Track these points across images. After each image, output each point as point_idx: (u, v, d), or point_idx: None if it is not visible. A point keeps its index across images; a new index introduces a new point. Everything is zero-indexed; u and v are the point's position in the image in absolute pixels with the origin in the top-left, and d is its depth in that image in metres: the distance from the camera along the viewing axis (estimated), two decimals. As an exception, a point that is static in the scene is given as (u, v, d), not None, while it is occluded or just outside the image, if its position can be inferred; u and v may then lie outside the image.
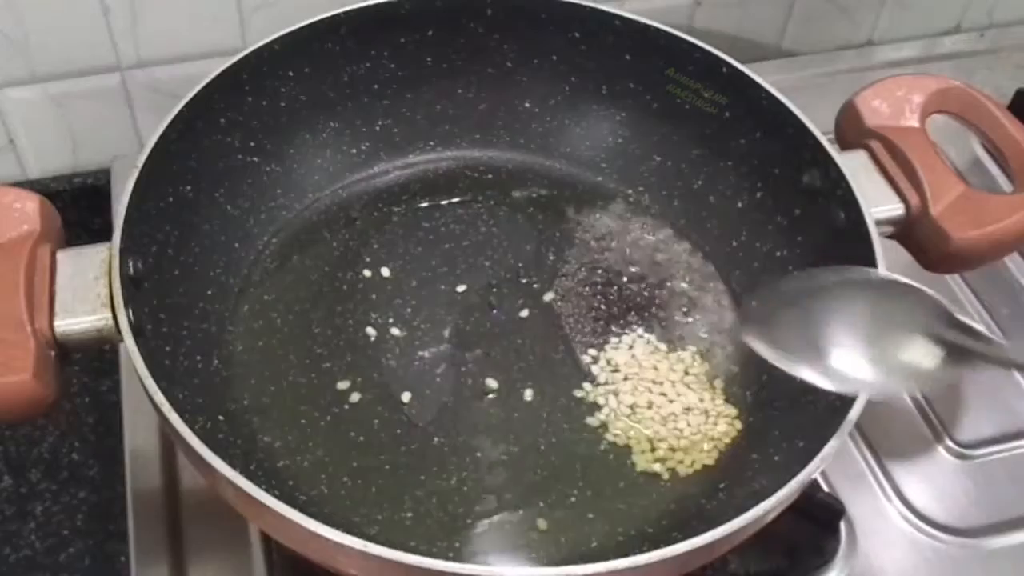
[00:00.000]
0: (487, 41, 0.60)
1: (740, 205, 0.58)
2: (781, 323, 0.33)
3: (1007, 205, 0.51)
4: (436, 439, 0.50)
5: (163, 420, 0.40)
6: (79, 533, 0.59)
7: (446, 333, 0.55)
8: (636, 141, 0.62)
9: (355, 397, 0.51)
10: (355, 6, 0.57)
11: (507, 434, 0.51)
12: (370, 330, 0.54)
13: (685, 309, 0.56)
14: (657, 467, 0.50)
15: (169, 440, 0.54)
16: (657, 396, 0.52)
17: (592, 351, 0.54)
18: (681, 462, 0.50)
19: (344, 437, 0.50)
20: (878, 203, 0.51)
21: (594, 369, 0.53)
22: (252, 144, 0.57)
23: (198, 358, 0.50)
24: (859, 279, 0.32)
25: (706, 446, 0.51)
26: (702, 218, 0.60)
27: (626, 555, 0.37)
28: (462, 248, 0.59)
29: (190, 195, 0.53)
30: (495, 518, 0.48)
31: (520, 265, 0.58)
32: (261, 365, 0.52)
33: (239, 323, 0.54)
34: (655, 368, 0.54)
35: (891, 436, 0.58)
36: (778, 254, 0.55)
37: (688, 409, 0.52)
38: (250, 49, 0.54)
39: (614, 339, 0.55)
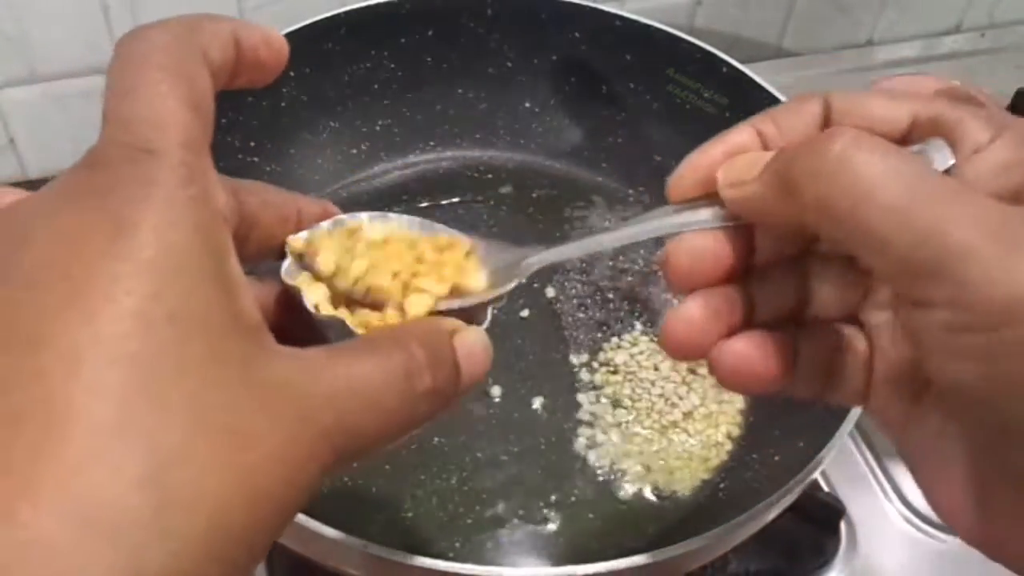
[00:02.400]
0: (487, 41, 0.60)
1: (740, 205, 0.58)
2: None
3: (1007, 205, 0.51)
4: (436, 439, 0.50)
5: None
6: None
7: (446, 333, 0.54)
8: (636, 141, 0.62)
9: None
10: (355, 6, 0.57)
11: (507, 434, 0.51)
12: (370, 330, 0.54)
13: (685, 309, 0.56)
14: (650, 492, 0.50)
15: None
16: (657, 398, 0.52)
17: (592, 351, 0.54)
18: (681, 481, 0.50)
19: (344, 437, 0.50)
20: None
21: (594, 369, 0.53)
22: (252, 144, 0.57)
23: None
24: None
25: (706, 453, 0.50)
26: (702, 218, 0.59)
27: (626, 555, 0.37)
28: (462, 248, 0.59)
29: (190, 195, 0.52)
30: (495, 518, 0.48)
31: (520, 265, 0.58)
32: (261, 365, 0.52)
33: (239, 323, 0.54)
34: (656, 368, 0.54)
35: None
36: (778, 254, 0.55)
37: (689, 414, 0.52)
38: (250, 49, 0.54)
39: (614, 339, 0.55)
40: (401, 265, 0.29)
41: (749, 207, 0.26)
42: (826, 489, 0.54)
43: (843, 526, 0.53)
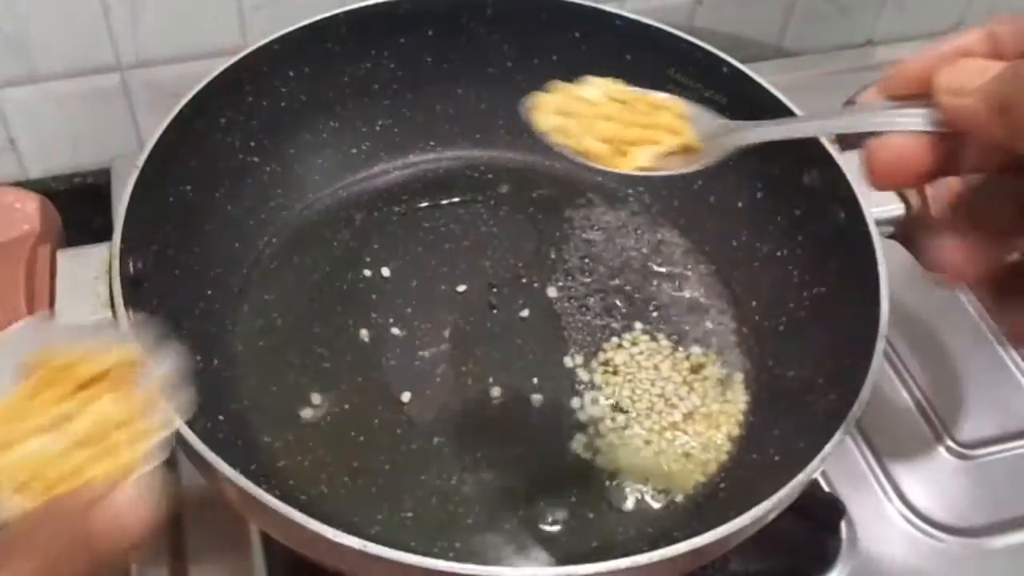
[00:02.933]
0: (487, 41, 0.60)
1: (740, 205, 0.58)
2: None
3: (1007, 205, 0.51)
4: (436, 439, 0.50)
5: (163, 420, 0.40)
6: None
7: (446, 333, 0.55)
8: (636, 141, 0.61)
9: (355, 397, 0.51)
10: (355, 6, 0.57)
11: (507, 434, 0.51)
12: (369, 331, 0.54)
13: (685, 309, 0.56)
14: (650, 492, 0.50)
15: (169, 440, 0.54)
16: (657, 399, 0.52)
17: (592, 351, 0.54)
18: (681, 482, 0.50)
19: (344, 437, 0.50)
20: (878, 203, 0.51)
21: (594, 369, 0.53)
22: (252, 144, 0.57)
23: (198, 358, 0.50)
24: None
25: (706, 454, 0.50)
26: (702, 218, 0.60)
27: (626, 555, 0.37)
28: (462, 248, 0.59)
29: (190, 195, 0.52)
30: (495, 518, 0.48)
31: (520, 265, 0.58)
32: (261, 365, 0.52)
33: (239, 323, 0.54)
34: (656, 368, 0.54)
35: (891, 436, 0.58)
36: (778, 254, 0.55)
37: (689, 414, 0.52)
38: (250, 49, 0.54)
39: (614, 339, 0.55)
40: (613, 131, 0.31)
41: (962, 118, 0.25)
42: (826, 489, 0.54)
43: (843, 526, 0.53)
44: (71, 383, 0.30)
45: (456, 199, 0.61)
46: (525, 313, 0.56)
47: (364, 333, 0.54)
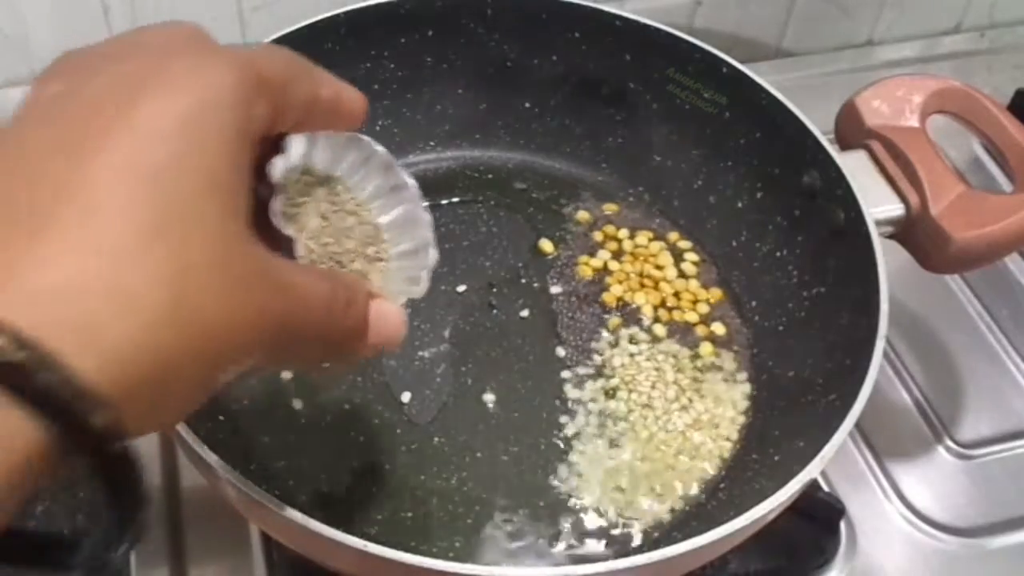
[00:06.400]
0: (487, 41, 0.60)
1: (740, 205, 0.58)
2: None
3: (1007, 205, 0.51)
4: (436, 439, 0.50)
5: (163, 420, 0.40)
6: (79, 533, 0.58)
7: (446, 333, 0.55)
8: (636, 141, 0.62)
9: (355, 397, 0.51)
10: (355, 6, 0.57)
11: (507, 434, 0.51)
12: (370, 330, 0.54)
13: (685, 310, 0.56)
14: (650, 491, 0.50)
15: (169, 440, 0.54)
16: (657, 399, 0.52)
17: (592, 351, 0.54)
18: (681, 481, 0.50)
19: (344, 437, 0.50)
20: (878, 203, 0.51)
21: (594, 370, 0.53)
22: (252, 144, 0.56)
23: (198, 358, 0.50)
24: None
25: (706, 455, 0.50)
26: (702, 218, 0.60)
27: (626, 555, 0.37)
28: (462, 248, 0.59)
29: (190, 195, 0.52)
30: (495, 518, 0.48)
31: (520, 265, 0.58)
32: (261, 365, 0.52)
33: (239, 323, 0.54)
34: (656, 369, 0.54)
35: (891, 436, 0.58)
36: (778, 254, 0.55)
37: (691, 416, 0.52)
38: (250, 49, 0.54)
39: (613, 339, 0.55)
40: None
41: None
42: (826, 489, 0.54)
43: (843, 526, 0.53)
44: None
45: (456, 199, 0.61)
46: (525, 313, 0.56)
47: (364, 333, 0.54)
